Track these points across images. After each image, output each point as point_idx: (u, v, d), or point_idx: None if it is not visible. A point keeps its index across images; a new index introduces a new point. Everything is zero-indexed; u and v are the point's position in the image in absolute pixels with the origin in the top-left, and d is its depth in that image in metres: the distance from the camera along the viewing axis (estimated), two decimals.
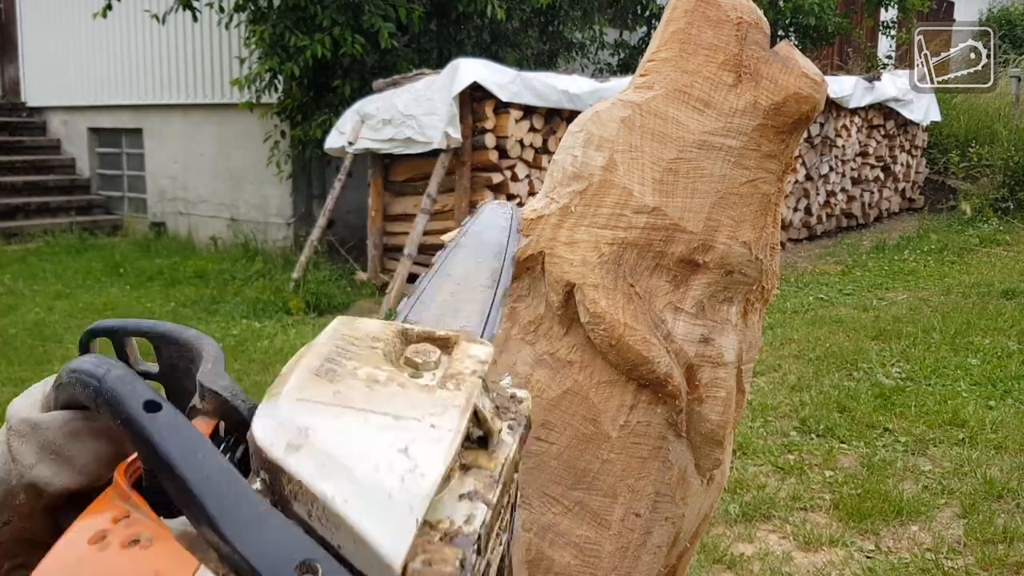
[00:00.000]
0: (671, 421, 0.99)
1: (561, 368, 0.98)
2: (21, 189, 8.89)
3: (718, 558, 2.55)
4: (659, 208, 0.96)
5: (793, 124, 0.97)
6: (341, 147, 6.21)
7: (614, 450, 0.97)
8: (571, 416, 0.98)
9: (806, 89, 0.96)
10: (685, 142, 0.96)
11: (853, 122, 8.17)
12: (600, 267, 0.96)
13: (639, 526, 0.99)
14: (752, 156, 0.97)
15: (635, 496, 0.98)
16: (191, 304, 5.92)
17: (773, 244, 1.02)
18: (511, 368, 1.00)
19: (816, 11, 8.39)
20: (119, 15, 7.91)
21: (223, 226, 8.17)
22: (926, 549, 2.61)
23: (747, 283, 1.01)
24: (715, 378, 1.00)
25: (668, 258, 0.97)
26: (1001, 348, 4.55)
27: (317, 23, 6.35)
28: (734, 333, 1.01)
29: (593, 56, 8.85)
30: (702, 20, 0.97)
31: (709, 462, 1.04)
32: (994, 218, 8.28)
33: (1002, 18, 15.12)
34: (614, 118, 0.98)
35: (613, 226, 0.96)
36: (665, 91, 0.97)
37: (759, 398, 3.88)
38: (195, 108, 8.32)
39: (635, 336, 0.95)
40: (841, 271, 6.84)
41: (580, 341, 0.98)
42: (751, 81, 0.96)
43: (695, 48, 0.97)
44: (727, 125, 0.96)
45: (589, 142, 0.98)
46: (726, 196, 0.97)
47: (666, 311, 0.98)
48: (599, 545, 0.98)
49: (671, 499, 1.00)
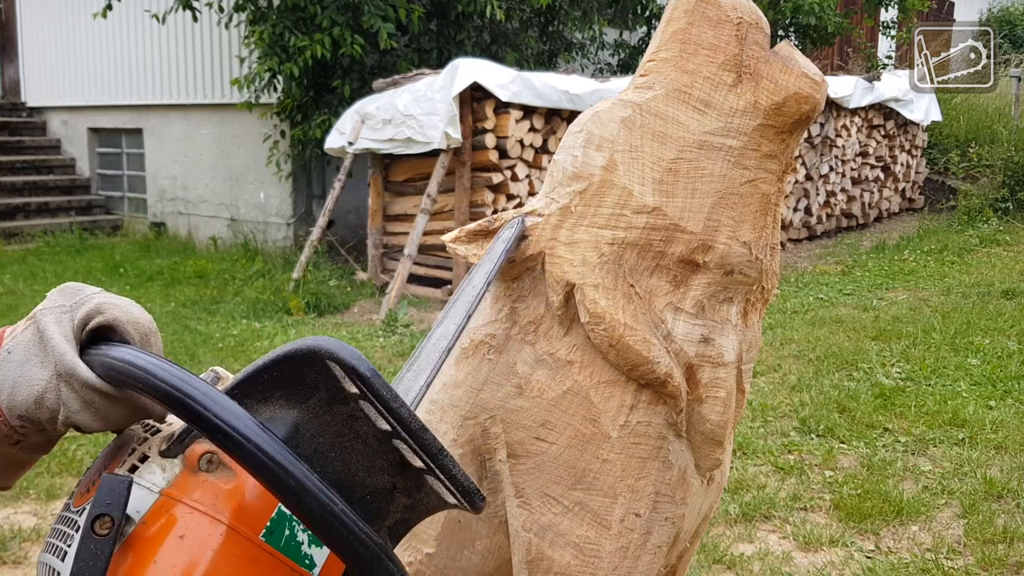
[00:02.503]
0: (671, 421, 0.99)
1: (561, 368, 0.98)
2: (21, 189, 8.89)
3: (718, 558, 2.55)
4: (659, 208, 0.96)
5: (793, 124, 0.97)
6: (341, 147, 6.21)
7: (614, 450, 0.97)
8: (571, 416, 0.98)
9: (806, 89, 0.96)
10: (685, 142, 0.96)
11: (853, 122, 8.17)
12: (600, 267, 0.96)
13: (639, 526, 0.99)
14: (752, 156, 0.97)
15: (635, 496, 0.98)
16: (191, 304, 5.92)
17: (773, 244, 1.02)
18: (511, 368, 1.00)
19: (816, 11, 8.39)
20: (119, 15, 7.92)
21: (223, 226, 8.17)
22: (926, 549, 2.61)
23: (747, 283, 1.01)
24: (715, 378, 1.00)
25: (668, 258, 0.97)
26: (1001, 348, 4.55)
27: (317, 23, 6.35)
28: (734, 333, 1.01)
29: (593, 56, 8.85)
30: (702, 20, 0.97)
31: (709, 462, 1.04)
32: (994, 218, 8.28)
33: (1002, 18, 15.13)
34: (614, 118, 0.98)
35: (613, 226, 0.96)
36: (665, 91, 0.97)
37: (759, 398, 3.88)
38: (195, 108, 8.31)
39: (635, 336, 0.95)
40: (841, 271, 6.85)
41: (580, 341, 0.98)
42: (751, 81, 0.96)
43: (695, 48, 0.97)
44: (727, 125, 0.96)
45: (589, 142, 0.98)
46: (726, 196, 0.97)
47: (666, 311, 0.98)
48: (599, 545, 0.98)
49: (671, 499, 1.00)
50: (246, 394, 0.56)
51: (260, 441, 0.52)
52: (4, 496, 2.92)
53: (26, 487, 2.97)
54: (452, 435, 1.02)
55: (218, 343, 4.95)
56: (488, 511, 1.02)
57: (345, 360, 0.55)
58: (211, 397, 0.53)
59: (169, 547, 0.54)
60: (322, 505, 0.53)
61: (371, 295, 6.11)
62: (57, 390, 0.59)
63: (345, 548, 0.54)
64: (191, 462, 0.58)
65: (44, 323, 0.61)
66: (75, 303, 0.62)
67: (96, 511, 0.54)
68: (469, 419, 1.02)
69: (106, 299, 0.63)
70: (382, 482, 0.61)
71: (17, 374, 0.60)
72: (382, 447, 0.60)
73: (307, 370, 0.57)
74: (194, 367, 4.51)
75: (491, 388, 1.01)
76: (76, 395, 0.59)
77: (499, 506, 1.01)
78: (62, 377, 0.59)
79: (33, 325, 0.62)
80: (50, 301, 0.63)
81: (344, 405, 0.59)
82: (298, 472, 0.52)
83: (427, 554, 1.06)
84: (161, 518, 0.56)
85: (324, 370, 0.57)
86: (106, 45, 8.95)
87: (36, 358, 0.60)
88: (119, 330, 0.62)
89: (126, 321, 0.63)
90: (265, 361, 0.58)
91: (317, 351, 0.56)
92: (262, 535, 0.56)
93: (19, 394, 0.59)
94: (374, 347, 4.91)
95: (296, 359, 0.57)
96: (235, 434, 0.52)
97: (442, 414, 1.04)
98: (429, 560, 1.06)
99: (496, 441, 1.00)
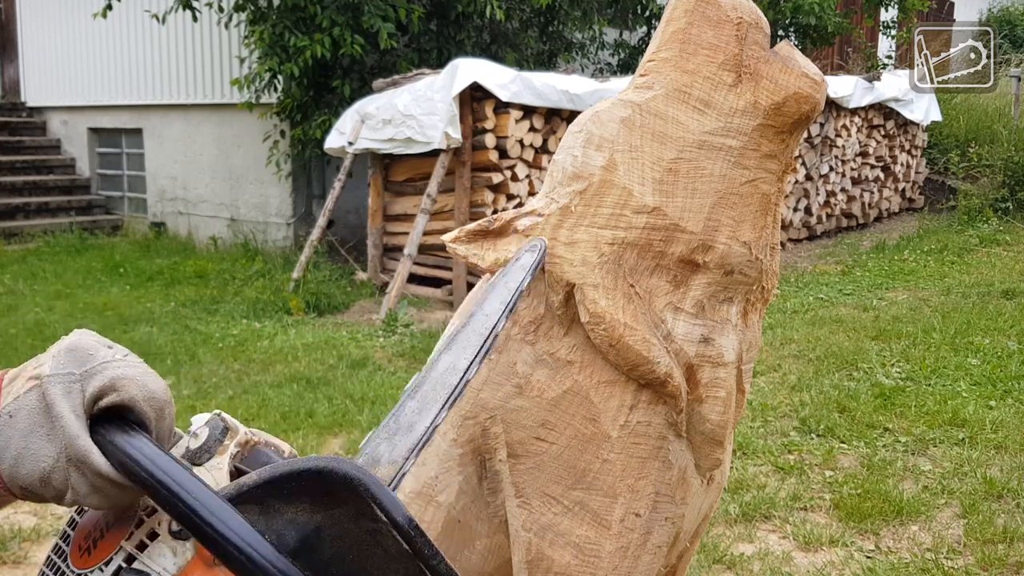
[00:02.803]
0: (671, 421, 0.99)
1: (561, 368, 0.98)
2: (21, 189, 8.90)
3: (718, 558, 2.55)
4: (659, 208, 0.96)
5: (793, 124, 0.97)
6: (341, 147, 6.22)
7: (614, 450, 0.98)
8: (571, 416, 0.98)
9: (806, 89, 0.96)
10: (685, 142, 0.96)
11: (853, 122, 8.17)
12: (600, 267, 0.96)
13: (639, 526, 0.99)
14: (752, 156, 0.97)
15: (635, 496, 0.98)
16: (191, 304, 5.92)
17: (773, 244, 1.02)
18: (511, 368, 1.00)
19: (816, 11, 8.39)
20: (119, 15, 7.91)
21: (223, 226, 8.17)
22: (926, 549, 2.61)
23: (747, 283, 1.01)
24: (715, 378, 1.00)
25: (668, 258, 0.97)
26: (1001, 348, 4.55)
27: (317, 23, 6.35)
28: (734, 333, 1.01)
29: (593, 56, 8.85)
30: (702, 20, 0.97)
31: (709, 462, 1.04)
32: (994, 218, 8.28)
33: (1002, 18, 15.14)
34: (614, 118, 0.98)
35: (613, 226, 0.96)
36: (665, 91, 0.97)
37: (759, 398, 3.88)
38: (195, 108, 8.32)
39: (635, 336, 0.95)
40: (841, 271, 6.85)
41: (580, 341, 0.98)
42: (751, 81, 0.96)
43: (695, 48, 0.97)
44: (727, 125, 0.96)
45: (589, 142, 0.99)
46: (726, 196, 0.97)
47: (666, 311, 0.98)
48: (599, 545, 0.98)
49: (671, 499, 1.00)
50: (269, 492, 0.55)
51: (263, 554, 0.52)
52: None
53: None
54: (452, 435, 1.02)
55: (218, 343, 4.95)
56: (488, 511, 1.02)
57: (384, 506, 0.54)
58: (219, 515, 0.53)
59: None
60: None
61: (371, 295, 6.11)
62: (66, 472, 0.56)
63: None
64: (205, 555, 0.56)
65: (52, 394, 0.56)
66: (86, 372, 0.57)
67: None
68: (469, 419, 1.02)
69: (120, 372, 0.58)
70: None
71: (21, 445, 0.56)
72: (406, 563, 0.58)
73: (340, 488, 0.56)
74: (194, 367, 4.51)
75: (491, 388, 1.01)
76: (86, 481, 0.56)
77: (499, 506, 1.01)
78: (72, 461, 0.56)
79: (38, 390, 0.57)
80: (57, 365, 0.58)
81: (372, 523, 0.57)
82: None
83: None
84: None
85: (359, 494, 0.56)
86: (106, 45, 8.95)
87: (42, 430, 0.56)
88: (135, 410, 0.58)
89: (142, 399, 0.58)
90: (299, 467, 0.56)
91: (358, 486, 0.54)
92: None
93: (23, 467, 0.55)
94: (374, 347, 4.91)
95: (333, 478, 0.56)
96: (235, 551, 0.52)
97: None
98: None
99: (496, 441, 1.00)
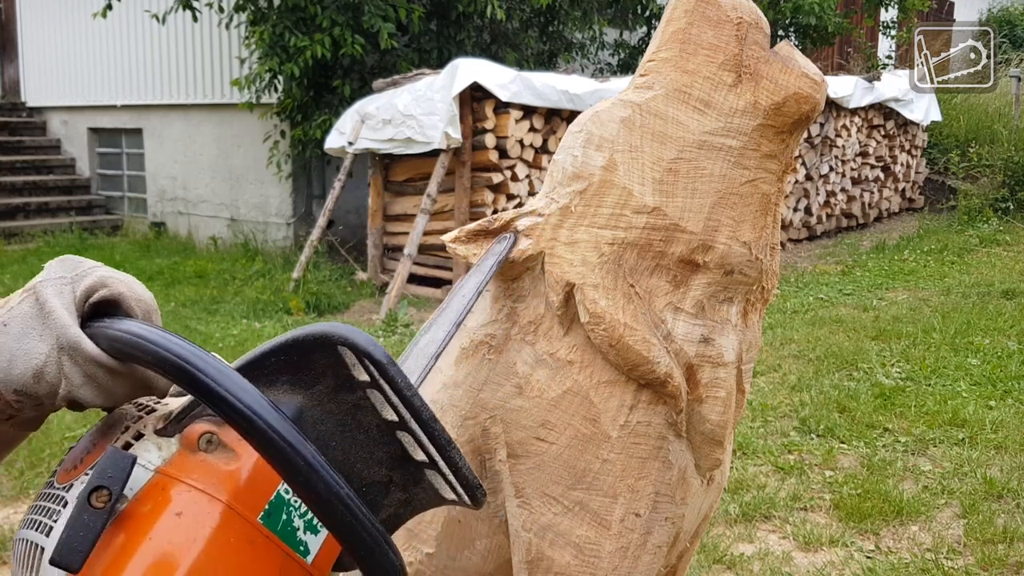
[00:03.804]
0: (671, 421, 0.99)
1: (561, 368, 0.98)
2: (21, 189, 8.89)
3: (718, 558, 2.55)
4: (659, 208, 0.96)
5: (793, 124, 0.97)
6: (341, 147, 6.21)
7: (614, 450, 0.98)
8: (571, 416, 0.98)
9: (806, 89, 0.96)
10: (685, 142, 0.96)
11: (853, 122, 8.16)
12: (600, 267, 0.96)
13: (639, 526, 0.99)
14: (752, 156, 0.97)
15: (635, 496, 0.98)
16: (191, 304, 5.92)
17: (773, 244, 1.02)
18: (511, 368, 1.00)
19: (816, 11, 8.39)
20: (119, 15, 7.91)
21: (223, 226, 8.17)
22: (926, 549, 2.61)
23: (747, 283, 1.01)
24: (715, 378, 1.00)
25: (668, 258, 0.97)
26: (1001, 348, 4.55)
27: (317, 23, 6.35)
28: (734, 333, 1.01)
29: (593, 56, 8.85)
30: (702, 20, 0.97)
31: (709, 462, 1.04)
32: (994, 218, 8.28)
33: (1002, 18, 15.14)
34: (614, 118, 0.98)
35: (613, 226, 0.96)
36: (665, 91, 0.97)
37: (759, 398, 3.88)
38: (195, 108, 8.32)
39: (635, 336, 0.95)
40: (841, 271, 6.85)
41: (580, 341, 0.98)
42: (751, 81, 0.96)
43: (695, 48, 0.97)
44: (727, 125, 0.96)
45: (589, 142, 0.99)
46: (726, 196, 0.97)
47: (666, 311, 0.98)
48: (599, 545, 0.98)
49: (671, 499, 1.00)
50: (251, 376, 0.55)
51: (271, 418, 0.52)
52: (4, 496, 2.92)
53: (26, 487, 2.97)
54: (452, 435, 1.02)
55: (218, 343, 4.95)
56: (488, 511, 1.02)
57: (360, 345, 0.55)
58: (222, 371, 0.52)
59: (165, 524, 0.54)
60: (328, 487, 0.52)
61: (371, 295, 6.11)
62: (58, 363, 0.58)
63: (347, 532, 0.54)
64: (190, 442, 0.57)
65: (44, 294, 0.59)
66: (76, 275, 0.60)
67: (96, 482, 0.52)
68: (469, 419, 1.02)
69: (109, 273, 0.61)
70: (379, 475, 0.61)
71: (14, 347, 0.57)
72: (384, 438, 0.60)
73: (316, 356, 0.57)
74: None
75: (491, 388, 1.01)
76: (79, 369, 0.58)
77: (499, 506, 1.01)
78: (64, 350, 0.58)
79: (31, 296, 0.59)
80: (49, 272, 0.61)
81: (350, 393, 0.59)
82: (307, 452, 0.52)
83: (427, 554, 1.06)
84: (156, 496, 0.55)
85: (334, 356, 0.57)
86: (106, 45, 8.95)
87: (35, 331, 0.58)
88: (123, 305, 0.61)
89: (130, 296, 0.61)
90: (274, 344, 0.57)
91: (330, 336, 0.56)
92: (260, 517, 0.56)
93: (16, 368, 0.57)
94: None
95: (306, 344, 0.57)
96: (245, 409, 0.52)
97: (442, 414, 1.04)
98: (429, 560, 1.06)
99: (496, 441, 1.00)
